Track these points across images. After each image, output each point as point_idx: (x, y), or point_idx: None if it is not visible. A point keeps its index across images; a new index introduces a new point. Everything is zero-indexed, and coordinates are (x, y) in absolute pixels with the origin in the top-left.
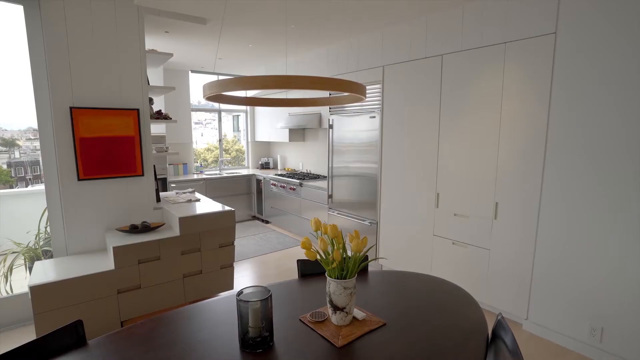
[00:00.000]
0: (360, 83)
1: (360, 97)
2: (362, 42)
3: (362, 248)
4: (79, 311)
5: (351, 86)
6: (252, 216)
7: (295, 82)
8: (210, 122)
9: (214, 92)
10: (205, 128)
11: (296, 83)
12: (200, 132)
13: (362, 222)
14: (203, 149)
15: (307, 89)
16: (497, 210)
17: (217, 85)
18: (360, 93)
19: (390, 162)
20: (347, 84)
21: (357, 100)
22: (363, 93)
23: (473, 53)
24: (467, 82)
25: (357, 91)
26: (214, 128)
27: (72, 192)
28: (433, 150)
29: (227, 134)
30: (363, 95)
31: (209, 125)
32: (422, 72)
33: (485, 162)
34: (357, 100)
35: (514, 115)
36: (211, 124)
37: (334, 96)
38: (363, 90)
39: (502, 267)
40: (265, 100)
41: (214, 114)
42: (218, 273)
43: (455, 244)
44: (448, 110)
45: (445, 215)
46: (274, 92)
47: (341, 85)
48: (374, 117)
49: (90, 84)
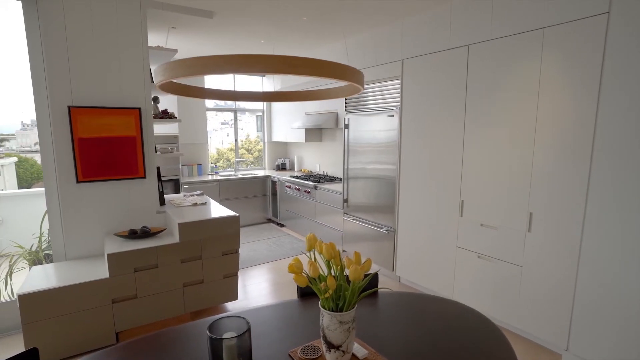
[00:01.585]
0: (356, 68)
1: (357, 87)
2: (379, 34)
3: (362, 276)
4: (71, 321)
5: (338, 71)
6: (267, 219)
7: (263, 63)
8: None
9: (160, 80)
10: (231, 128)
11: (264, 64)
12: (227, 132)
13: (378, 229)
14: (226, 149)
15: (280, 72)
16: (532, 221)
17: (163, 72)
18: (351, 79)
19: (410, 164)
20: (332, 68)
21: (355, 91)
22: (356, 80)
23: (505, 42)
24: (497, 75)
25: (346, 77)
26: (241, 129)
27: (71, 195)
28: (457, 152)
29: (250, 134)
30: (357, 83)
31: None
32: (445, 65)
33: (518, 166)
34: (354, 90)
35: (554, 111)
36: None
37: (330, 87)
38: (356, 76)
39: (536, 287)
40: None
41: (239, 114)
42: (221, 283)
43: (481, 257)
44: (475, 107)
45: (470, 225)
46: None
47: (324, 68)
48: (392, 116)
49: (89, 82)
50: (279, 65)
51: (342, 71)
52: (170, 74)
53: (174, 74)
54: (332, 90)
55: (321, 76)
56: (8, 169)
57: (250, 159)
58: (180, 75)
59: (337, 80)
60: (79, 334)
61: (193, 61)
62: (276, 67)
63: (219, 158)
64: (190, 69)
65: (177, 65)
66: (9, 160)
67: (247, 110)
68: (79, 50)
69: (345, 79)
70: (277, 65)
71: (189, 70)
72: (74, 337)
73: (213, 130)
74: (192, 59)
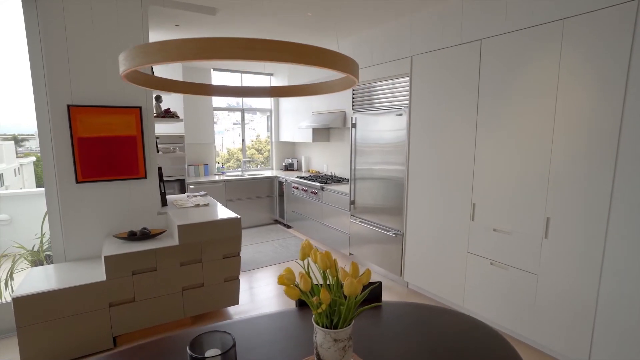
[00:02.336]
0: (349, 57)
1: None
2: (387, 30)
3: (358, 290)
4: (67, 325)
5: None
6: (274, 220)
7: (222, 50)
8: (248, 123)
9: (122, 71)
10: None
11: (224, 51)
12: (238, 133)
13: (386, 232)
14: (237, 148)
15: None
16: (549, 227)
17: (123, 60)
18: (344, 69)
19: (418, 165)
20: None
21: (349, 84)
22: (349, 69)
23: (520, 35)
24: (512, 71)
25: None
26: (252, 129)
27: (71, 195)
28: (469, 152)
29: (261, 134)
30: (349, 72)
31: (247, 126)
32: (456, 61)
33: (534, 168)
34: (349, 83)
35: (574, 109)
36: (249, 124)
37: (323, 82)
38: (349, 66)
39: (554, 296)
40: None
41: (252, 115)
42: (222, 286)
43: (493, 264)
44: (487, 105)
45: (482, 230)
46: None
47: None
48: (401, 115)
49: (89, 80)
50: (242, 51)
51: (330, 59)
52: (131, 62)
53: (136, 63)
54: (324, 85)
55: (304, 63)
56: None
57: (260, 159)
58: (141, 64)
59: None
60: (75, 338)
61: (147, 47)
62: (239, 52)
63: (229, 158)
64: (148, 57)
65: (136, 52)
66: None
67: (257, 110)
68: (79, 48)
69: (336, 68)
70: (239, 51)
71: (148, 58)
72: (70, 341)
73: (225, 130)
74: (147, 44)
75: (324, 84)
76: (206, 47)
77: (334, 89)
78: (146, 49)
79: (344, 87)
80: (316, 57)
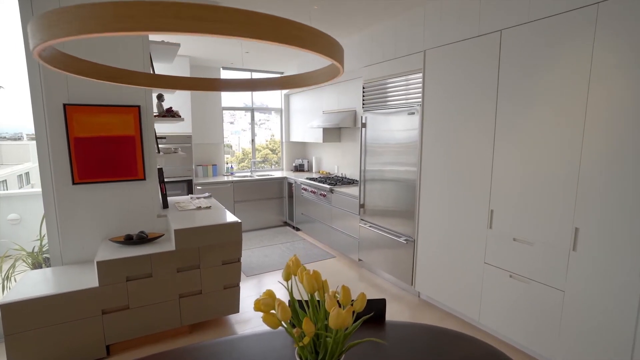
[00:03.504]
0: (330, 37)
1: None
2: (398, 23)
3: (347, 322)
4: (58, 333)
5: (275, 29)
6: (284, 222)
7: (136, 19)
8: (264, 123)
9: (34, 46)
10: (260, 128)
11: (140, 21)
12: (255, 132)
13: (397, 238)
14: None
15: (176, 32)
16: (577, 238)
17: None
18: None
19: (431, 166)
20: (259, 24)
21: (333, 74)
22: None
23: (546, 23)
24: (536, 65)
25: (289, 40)
26: (268, 128)
27: (67, 197)
28: (486, 154)
29: (276, 134)
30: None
31: (263, 126)
32: (473, 55)
33: (561, 173)
34: (334, 73)
35: (609, 107)
36: (265, 124)
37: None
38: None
39: (583, 317)
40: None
41: (267, 114)
42: (221, 294)
43: (513, 277)
44: (508, 102)
45: (500, 239)
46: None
47: (254, 25)
48: (413, 114)
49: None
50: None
51: (295, 34)
52: (37, 37)
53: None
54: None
55: (258, 38)
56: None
57: (275, 159)
58: (49, 38)
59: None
60: (67, 346)
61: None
62: (159, 23)
63: (244, 158)
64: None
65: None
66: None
67: (269, 109)
68: (76, 44)
69: (307, 47)
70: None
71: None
72: (61, 350)
73: (242, 130)
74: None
75: (307, 74)
76: (115, 15)
77: (319, 80)
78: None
79: (328, 77)
80: (274, 32)
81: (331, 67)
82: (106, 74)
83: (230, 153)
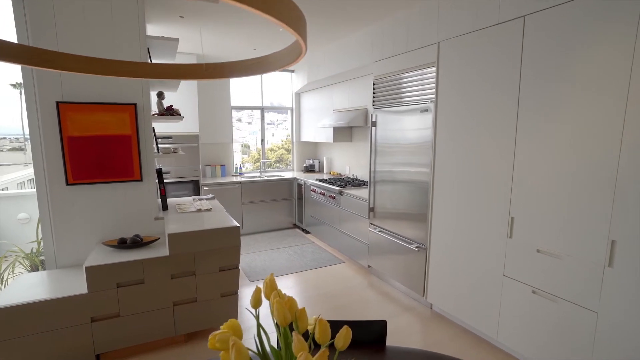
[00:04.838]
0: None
1: (299, 44)
2: (410, 15)
3: None
4: (45, 341)
5: None
6: (293, 224)
7: None
8: (281, 123)
9: None
10: (277, 128)
11: None
12: (272, 133)
13: (408, 245)
14: (268, 148)
15: None
16: (614, 252)
17: None
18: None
19: (446, 168)
20: None
21: (296, 53)
22: (279, 14)
23: (577, 7)
24: (565, 55)
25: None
26: (285, 129)
27: (61, 198)
28: (507, 154)
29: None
30: (280, 19)
31: (280, 126)
32: (492, 46)
33: (593, 176)
34: (296, 52)
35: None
36: (282, 125)
37: (266, 56)
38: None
39: (620, 342)
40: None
41: (284, 114)
42: (218, 302)
43: (536, 293)
44: (531, 97)
45: (522, 250)
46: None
47: None
48: (426, 111)
49: (81, 75)
50: None
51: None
52: None
53: None
54: (269, 59)
55: None
56: None
57: (290, 159)
58: None
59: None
60: (54, 355)
61: None
62: None
63: (259, 157)
64: None
65: None
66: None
67: (279, 108)
68: (69, 40)
69: (252, 5)
70: None
71: None
72: (48, 359)
73: (259, 130)
74: None
75: (270, 57)
76: None
77: (281, 63)
78: None
79: (291, 59)
80: None
81: (295, 45)
82: (37, 59)
83: (247, 153)
